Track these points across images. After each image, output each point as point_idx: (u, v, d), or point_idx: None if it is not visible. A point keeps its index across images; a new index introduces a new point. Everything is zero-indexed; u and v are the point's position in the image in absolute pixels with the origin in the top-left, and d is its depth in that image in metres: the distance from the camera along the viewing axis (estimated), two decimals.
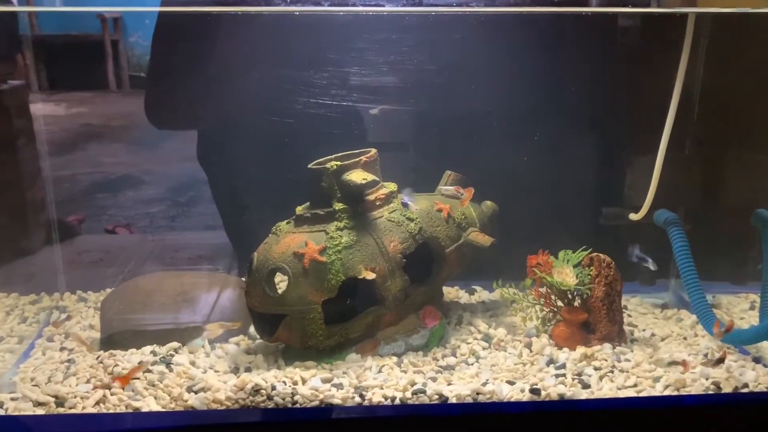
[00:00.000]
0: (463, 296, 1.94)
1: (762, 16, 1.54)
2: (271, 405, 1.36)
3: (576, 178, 1.82)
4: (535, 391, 1.40)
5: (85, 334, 1.71)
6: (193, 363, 1.52)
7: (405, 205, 1.58)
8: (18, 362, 1.58)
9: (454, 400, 1.38)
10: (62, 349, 1.64)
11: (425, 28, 1.67)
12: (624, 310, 1.67)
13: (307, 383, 1.41)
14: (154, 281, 1.66)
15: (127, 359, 1.49)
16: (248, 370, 1.52)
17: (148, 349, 1.55)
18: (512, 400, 1.39)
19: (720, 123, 1.71)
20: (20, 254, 1.92)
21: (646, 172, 1.69)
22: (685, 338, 1.66)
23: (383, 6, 1.38)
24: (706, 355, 1.54)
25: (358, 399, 1.37)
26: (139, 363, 1.45)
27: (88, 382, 1.43)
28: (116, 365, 1.45)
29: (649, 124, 1.68)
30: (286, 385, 1.38)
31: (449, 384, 1.43)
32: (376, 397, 1.38)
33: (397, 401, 1.38)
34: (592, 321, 1.62)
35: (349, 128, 1.78)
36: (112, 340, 1.59)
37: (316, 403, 1.36)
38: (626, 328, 1.67)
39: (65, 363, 1.55)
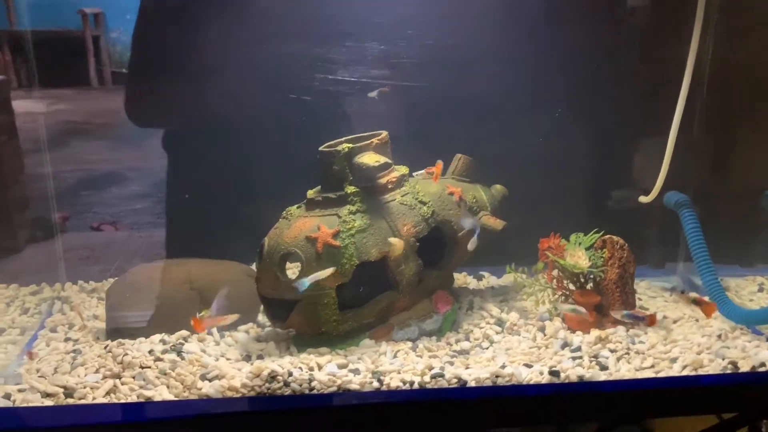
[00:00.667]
0: (472, 282, 1.93)
1: None
2: (288, 391, 1.33)
3: (585, 161, 1.81)
4: (554, 373, 1.39)
5: (90, 324, 1.67)
6: (204, 351, 1.49)
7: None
8: (22, 353, 1.54)
9: (472, 384, 1.37)
10: (67, 339, 1.60)
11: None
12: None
13: (323, 369, 1.39)
14: (159, 269, 1.62)
15: (136, 348, 1.45)
16: (260, 357, 1.49)
17: (157, 337, 1.52)
18: (531, 382, 1.38)
19: (729, 104, 1.71)
20: (4, 252, 1.88)
21: (656, 155, 1.68)
22: (697, 320, 1.65)
23: None
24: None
25: (376, 384, 1.35)
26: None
27: (97, 372, 1.39)
28: (126, 354, 1.41)
29: (658, 107, 1.67)
30: (303, 371, 1.35)
31: (467, 368, 1.41)
32: (394, 381, 1.36)
33: (416, 385, 1.36)
34: (605, 303, 1.61)
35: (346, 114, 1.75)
36: (119, 329, 1.55)
37: (334, 388, 1.34)
38: (638, 310, 1.67)
39: (71, 353, 1.51)
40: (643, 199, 1.74)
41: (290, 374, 1.34)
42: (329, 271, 1.40)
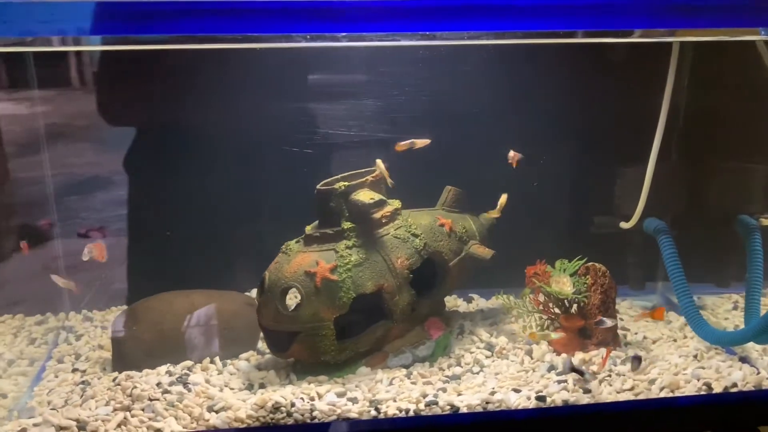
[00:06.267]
0: (461, 305, 2.01)
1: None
2: (290, 421, 1.41)
3: (569, 189, 1.90)
4: (540, 398, 1.47)
5: (96, 354, 1.73)
6: (207, 381, 1.56)
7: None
8: (32, 385, 1.60)
9: (464, 410, 1.45)
10: (74, 370, 1.66)
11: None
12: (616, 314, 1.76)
13: (323, 398, 1.47)
14: (164, 301, 1.69)
15: (145, 380, 1.52)
16: (262, 386, 1.56)
17: (163, 369, 1.59)
18: (520, 407, 1.46)
19: (704, 140, 1.81)
20: None
21: (636, 184, 1.78)
22: (675, 340, 1.75)
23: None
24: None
25: (374, 412, 1.43)
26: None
27: (107, 404, 1.46)
28: (135, 387, 1.48)
29: (637, 140, 1.77)
30: (304, 401, 1.43)
31: (459, 394, 1.50)
32: (390, 409, 1.44)
33: (411, 413, 1.44)
34: (589, 327, 1.70)
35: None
36: (125, 361, 1.61)
37: (334, 417, 1.42)
38: (619, 331, 1.76)
39: (80, 385, 1.57)
40: (623, 225, 1.83)
41: (293, 405, 1.41)
42: None
